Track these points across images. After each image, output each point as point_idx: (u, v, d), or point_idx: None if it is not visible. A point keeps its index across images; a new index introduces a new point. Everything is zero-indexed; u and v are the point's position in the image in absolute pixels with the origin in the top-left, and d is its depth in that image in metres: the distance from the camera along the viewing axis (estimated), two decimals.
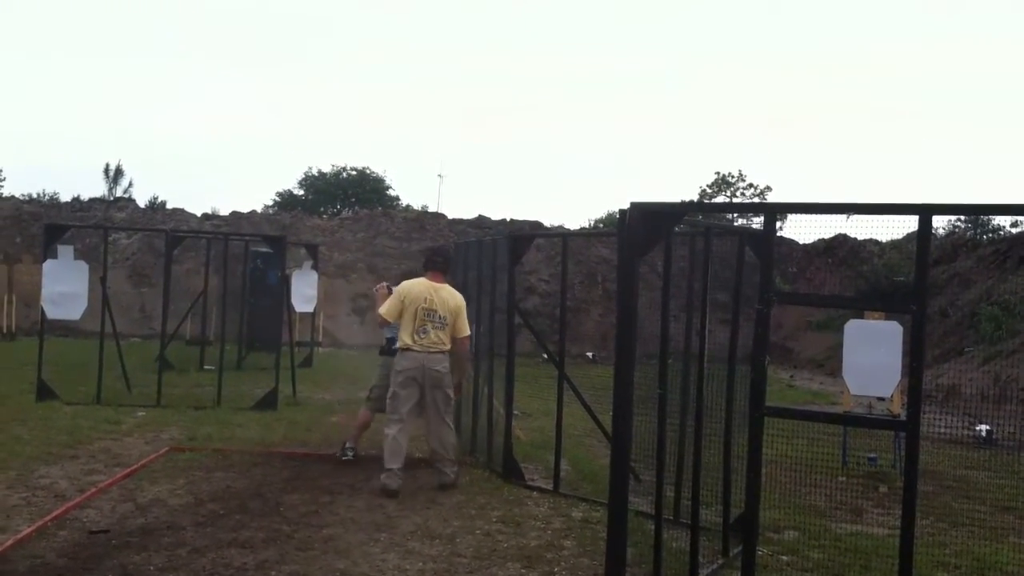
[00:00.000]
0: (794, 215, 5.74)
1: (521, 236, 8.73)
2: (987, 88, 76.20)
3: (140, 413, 11.28)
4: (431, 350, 8.12)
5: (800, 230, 6.91)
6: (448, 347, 8.23)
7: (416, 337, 8.09)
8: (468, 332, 8.45)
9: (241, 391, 12.86)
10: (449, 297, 8.28)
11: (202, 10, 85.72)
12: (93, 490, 7.49)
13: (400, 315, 8.16)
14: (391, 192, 50.19)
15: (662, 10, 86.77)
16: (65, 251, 11.84)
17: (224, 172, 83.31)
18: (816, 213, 5.38)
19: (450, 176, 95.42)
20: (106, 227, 14.35)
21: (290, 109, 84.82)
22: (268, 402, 12.04)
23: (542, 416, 12.08)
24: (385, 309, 8.27)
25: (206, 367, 15.58)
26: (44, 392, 11.73)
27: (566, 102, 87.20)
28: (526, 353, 11.24)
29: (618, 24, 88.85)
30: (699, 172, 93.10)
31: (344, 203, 48.48)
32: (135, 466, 8.40)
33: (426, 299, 8.15)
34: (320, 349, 19.83)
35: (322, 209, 44.37)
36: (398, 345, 8.21)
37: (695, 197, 51.14)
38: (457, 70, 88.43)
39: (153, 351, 15.84)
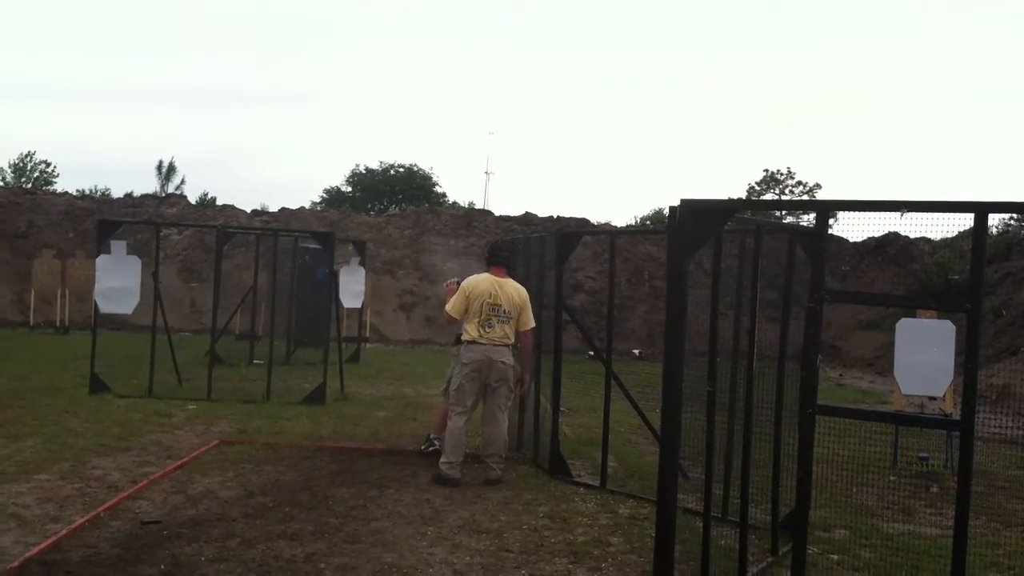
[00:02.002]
0: (844, 212, 5.69)
1: (569, 234, 8.72)
2: None
3: (191, 406, 11.42)
4: (496, 343, 8.21)
5: (850, 228, 6.84)
6: (512, 341, 8.33)
7: (482, 330, 8.18)
8: (533, 325, 8.54)
9: (290, 385, 12.96)
10: (513, 291, 8.37)
11: (252, 7, 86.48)
12: (145, 481, 7.59)
13: (466, 310, 8.23)
14: (438, 189, 50.41)
15: (702, 11, 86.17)
16: (118, 246, 11.99)
17: (273, 169, 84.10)
18: (869, 211, 5.32)
19: (497, 173, 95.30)
20: (157, 223, 14.56)
21: (339, 105, 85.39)
22: (317, 397, 12.13)
23: (588, 413, 12.06)
24: (451, 307, 8.37)
25: (255, 361, 15.74)
26: (97, 385, 11.91)
27: (614, 100, 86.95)
28: (572, 350, 11.22)
29: (666, 24, 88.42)
30: (748, 169, 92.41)
31: (391, 200, 48.72)
32: (186, 458, 8.50)
33: (491, 294, 8.24)
34: (367, 345, 19.94)
35: (369, 206, 44.64)
36: (464, 338, 8.29)
37: (743, 194, 50.90)
38: (505, 67, 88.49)
39: (203, 345, 16.01)
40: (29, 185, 43.47)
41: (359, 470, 8.51)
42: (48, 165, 53.25)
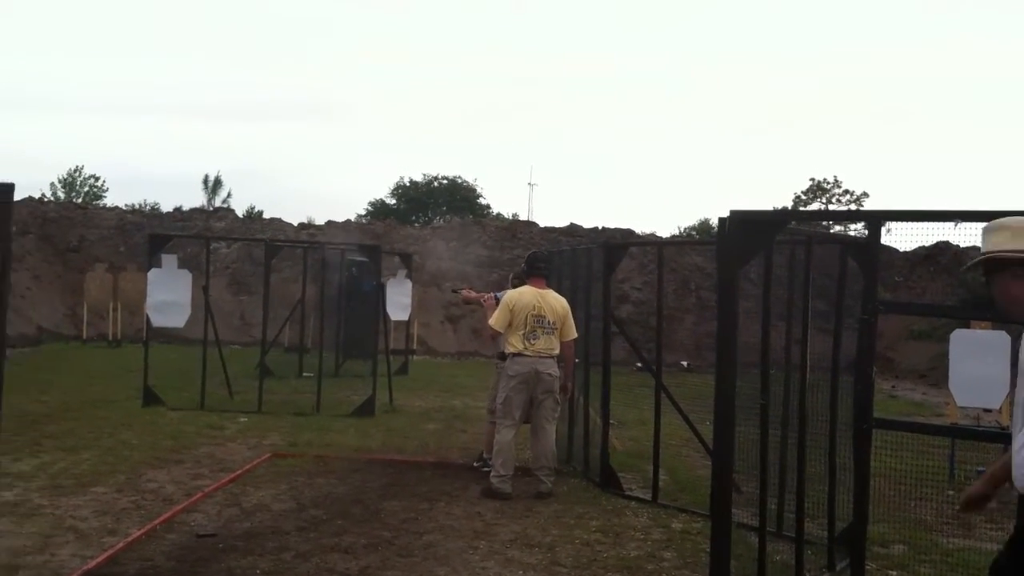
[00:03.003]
0: (894, 222, 5.63)
1: (616, 245, 8.71)
2: None
3: (242, 419, 11.52)
4: (542, 355, 8.23)
5: (901, 238, 6.69)
6: (557, 352, 8.32)
7: (527, 343, 8.19)
8: (575, 335, 8.55)
9: (339, 398, 13.03)
10: (555, 302, 8.38)
11: (298, 22, 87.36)
12: (199, 494, 7.66)
13: (510, 324, 8.24)
14: (482, 201, 50.55)
15: (741, 18, 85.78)
16: (169, 260, 12.15)
17: (318, 182, 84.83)
18: (922, 221, 5.27)
19: (541, 185, 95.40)
20: (207, 237, 14.73)
21: (383, 118, 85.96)
22: (366, 409, 12.19)
23: (637, 425, 12.00)
24: (495, 320, 8.38)
25: (304, 374, 15.84)
26: (150, 398, 12.05)
27: (655, 110, 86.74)
28: (619, 361, 11.16)
29: (708, 33, 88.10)
30: (793, 178, 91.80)
31: (435, 212, 48.95)
32: (239, 471, 8.57)
33: (534, 306, 8.25)
34: (414, 357, 20.00)
35: (414, 218, 44.86)
36: (508, 351, 8.30)
37: (789, 204, 50.51)
38: (548, 77, 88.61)
39: (252, 358, 16.16)
40: (79, 200, 44.15)
41: (409, 483, 8.53)
42: (97, 179, 54.04)
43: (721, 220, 4.71)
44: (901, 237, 6.95)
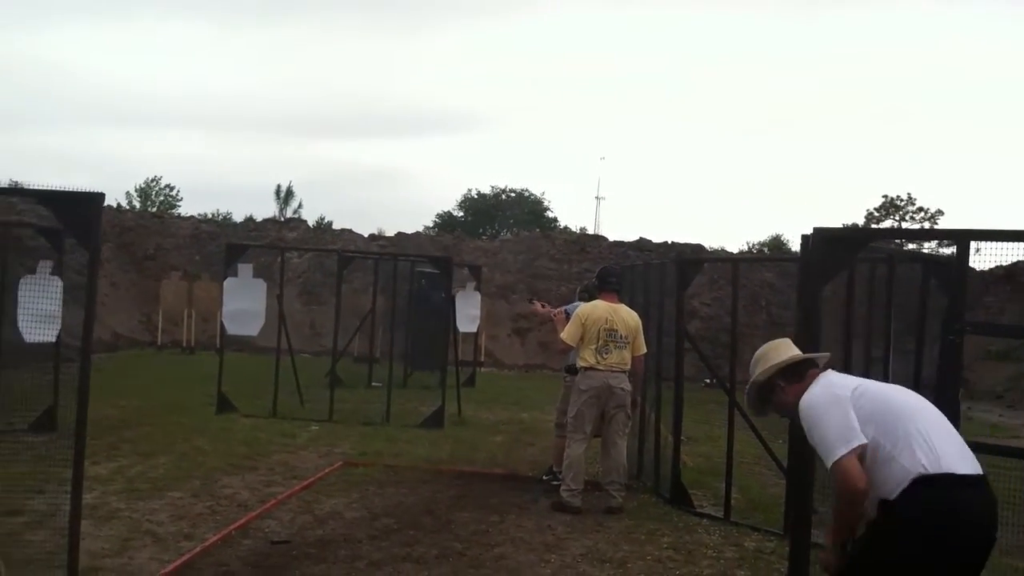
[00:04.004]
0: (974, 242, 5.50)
1: (690, 260, 8.67)
2: None
3: (313, 427, 11.64)
4: (614, 369, 8.20)
5: (978, 257, 6.58)
6: (629, 366, 8.28)
7: (599, 357, 8.16)
8: (645, 350, 8.53)
9: (407, 408, 13.07)
10: (628, 317, 8.36)
11: (363, 37, 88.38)
12: (273, 501, 7.75)
13: (582, 338, 8.23)
14: (549, 214, 50.56)
15: (809, 33, 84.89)
16: (245, 270, 12.33)
17: (386, 194, 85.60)
18: (1012, 240, 5.16)
19: (609, 198, 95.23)
20: (282, 247, 14.93)
21: (452, 131, 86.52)
22: (435, 420, 12.24)
23: (707, 442, 11.91)
24: (567, 334, 8.35)
25: (373, 384, 15.95)
26: (223, 404, 12.23)
27: (723, 124, 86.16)
28: (688, 377, 11.07)
29: (781, 46, 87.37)
30: (865, 195, 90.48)
31: (503, 225, 49.07)
32: (311, 479, 8.65)
33: (607, 320, 8.23)
34: (481, 369, 20.04)
35: (481, 230, 45.01)
36: (580, 365, 8.28)
37: (861, 221, 49.74)
38: (617, 92, 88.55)
39: (322, 367, 16.32)
40: (154, 209, 45.02)
41: (479, 495, 8.54)
42: (172, 189, 55.07)
43: (804, 237, 4.66)
44: (980, 256, 6.80)
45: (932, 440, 3.50)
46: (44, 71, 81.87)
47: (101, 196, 4.54)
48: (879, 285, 5.96)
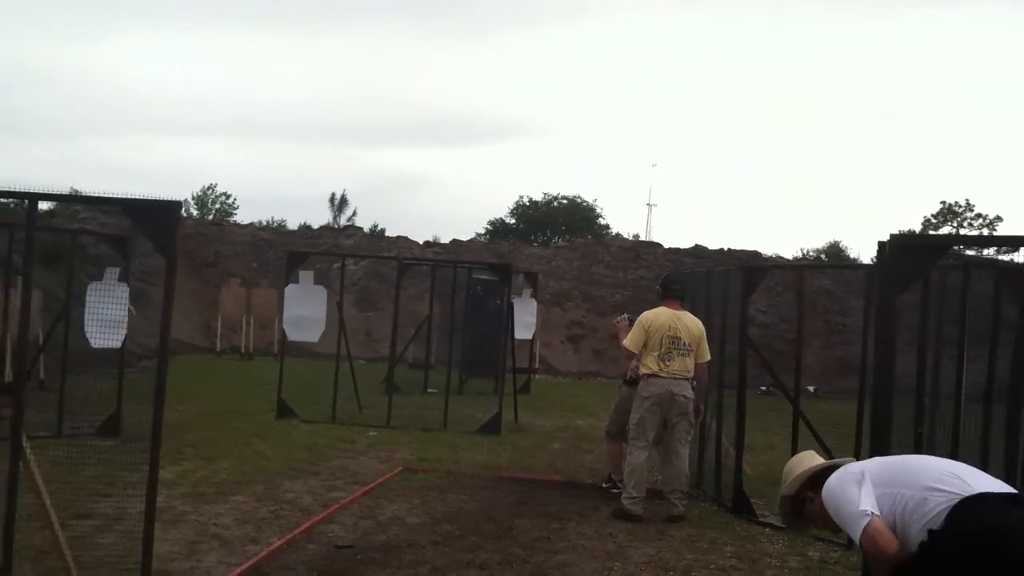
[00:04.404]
0: None
1: (756, 267, 8.61)
2: None
3: (372, 433, 11.71)
4: (677, 376, 8.16)
5: None
6: (692, 374, 8.23)
7: (662, 364, 8.13)
8: (708, 357, 8.49)
9: (464, 415, 13.09)
10: (692, 324, 8.32)
11: (409, 45, 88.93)
12: (335, 506, 7.80)
13: (644, 344, 8.19)
14: (601, 221, 50.35)
15: (855, 36, 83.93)
16: (306, 276, 12.45)
17: (438, 201, 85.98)
18: None
19: (660, 205, 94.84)
20: (342, 254, 15.02)
21: (501, 139, 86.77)
22: (492, 427, 12.25)
23: (765, 450, 11.78)
24: (630, 341, 8.33)
25: (429, 390, 16.01)
26: (283, 410, 12.34)
27: (776, 131, 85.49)
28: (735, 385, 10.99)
29: (829, 51, 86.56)
30: (923, 201, 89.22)
31: (555, 232, 48.96)
32: (372, 484, 8.70)
33: (670, 327, 8.19)
34: (535, 376, 20.03)
35: (532, 238, 44.94)
36: (642, 372, 8.25)
37: (918, 228, 49.04)
38: (669, 99, 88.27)
39: (378, 373, 16.42)
40: (211, 216, 45.53)
41: (539, 501, 8.53)
42: (228, 197, 55.65)
43: (881, 244, 4.60)
44: None
45: (963, 476, 3.50)
46: (102, 79, 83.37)
47: (179, 204, 4.62)
48: (952, 293, 5.87)
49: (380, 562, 6.39)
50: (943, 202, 50.22)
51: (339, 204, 53.73)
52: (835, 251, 36.11)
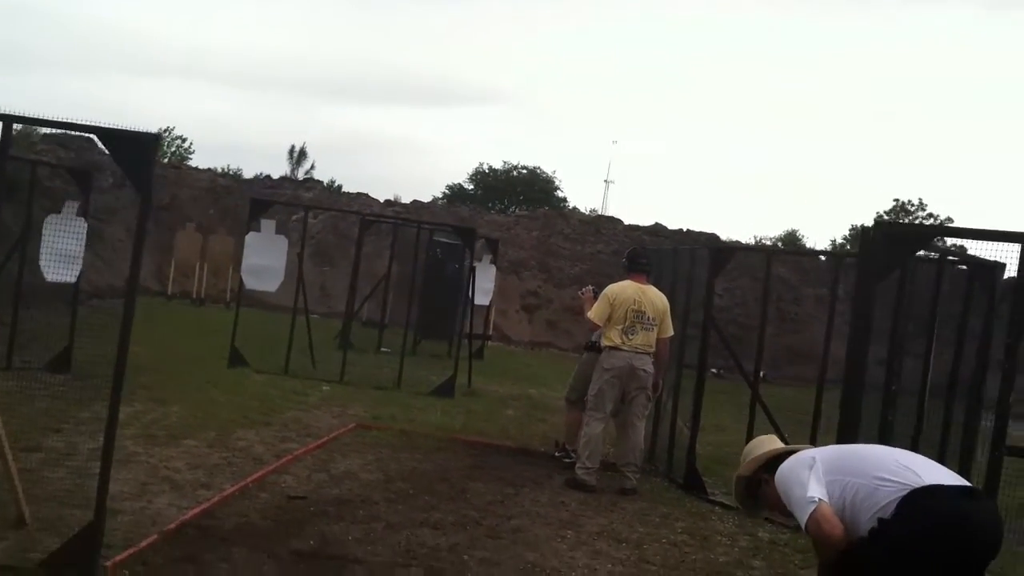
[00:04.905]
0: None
1: (724, 248, 8.63)
2: None
3: (325, 388, 11.63)
4: (639, 351, 8.17)
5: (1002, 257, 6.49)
6: (654, 349, 8.24)
7: (625, 337, 8.13)
8: (671, 333, 8.50)
9: (417, 376, 13.02)
10: (656, 298, 8.33)
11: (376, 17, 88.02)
12: (288, 457, 7.73)
13: (609, 317, 8.19)
14: (559, 193, 50.31)
15: (824, 31, 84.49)
16: (268, 225, 12.30)
17: (396, 161, 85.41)
18: None
19: (617, 182, 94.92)
20: (307, 206, 14.85)
21: (461, 104, 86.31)
22: (446, 389, 12.21)
23: (715, 431, 11.84)
24: (595, 313, 8.31)
25: (383, 349, 15.94)
26: (236, 359, 12.20)
27: (733, 118, 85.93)
28: (693, 366, 11.03)
29: (798, 44, 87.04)
30: (877, 196, 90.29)
31: (512, 201, 48.85)
32: (326, 438, 8.63)
33: (635, 300, 8.19)
34: (488, 343, 20.00)
35: (490, 205, 44.80)
36: (604, 344, 8.24)
37: (871, 223, 49.66)
38: (631, 78, 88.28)
39: (331, 328, 16.30)
40: (166, 160, 44.82)
41: (493, 466, 8.53)
42: (184, 141, 54.72)
43: (864, 230, 4.61)
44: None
45: (915, 467, 3.57)
46: (67, 13, 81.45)
47: (157, 137, 4.49)
48: (922, 285, 5.91)
49: (333, 515, 6.35)
50: (896, 199, 50.88)
51: (298, 156, 53.15)
52: (792, 240, 36.40)
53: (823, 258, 22.49)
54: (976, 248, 5.60)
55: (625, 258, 8.88)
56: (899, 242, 4.54)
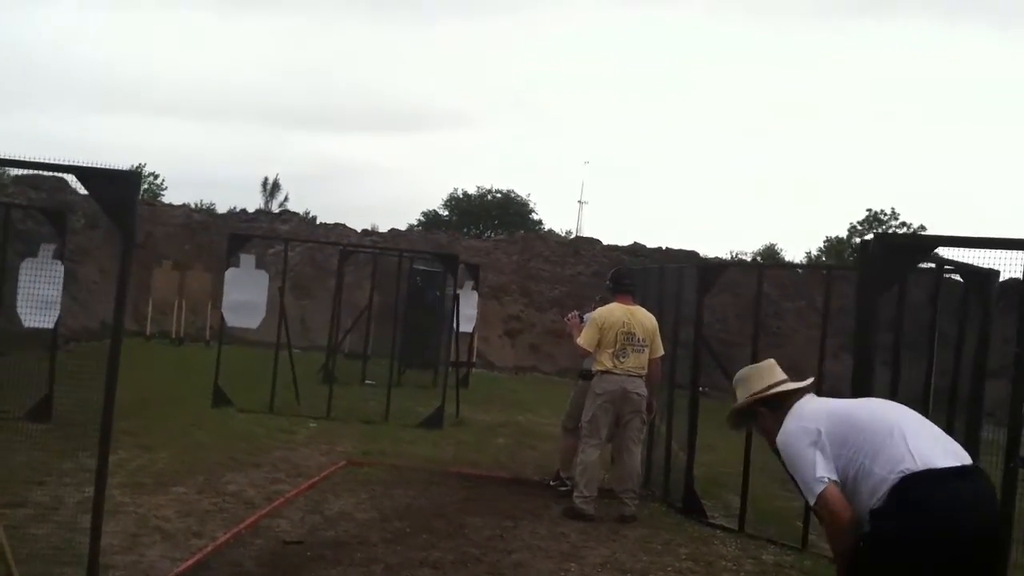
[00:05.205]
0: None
1: (712, 266, 8.55)
2: None
3: (312, 424, 11.44)
4: (631, 373, 8.06)
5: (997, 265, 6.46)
6: (647, 371, 8.13)
7: (617, 361, 8.01)
8: (663, 352, 8.43)
9: (405, 407, 12.83)
10: (645, 319, 8.24)
11: (343, 35, 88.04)
12: (280, 500, 7.56)
13: (599, 343, 8.06)
14: (535, 216, 50.36)
15: (794, 39, 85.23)
16: (247, 260, 12.12)
17: (371, 190, 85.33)
18: None
19: (591, 202, 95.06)
20: (286, 239, 14.70)
21: (434, 130, 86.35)
22: (434, 421, 12.04)
23: (706, 451, 11.68)
24: (584, 340, 8.17)
25: (367, 381, 15.75)
26: (219, 398, 11.99)
27: (707, 132, 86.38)
28: (683, 384, 10.93)
29: (754, 50, 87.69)
30: (849, 208, 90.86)
31: (487, 225, 48.84)
32: (316, 478, 8.47)
33: (624, 323, 8.09)
34: (472, 370, 19.82)
35: (465, 230, 44.74)
36: (596, 369, 8.12)
37: (844, 234, 49.84)
38: (600, 97, 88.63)
39: (313, 362, 16.07)
40: (141, 197, 44.42)
41: (489, 499, 8.39)
42: (156, 177, 54.37)
43: (864, 242, 4.52)
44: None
45: (909, 442, 3.52)
46: (34, 50, 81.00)
47: (139, 175, 4.36)
48: (916, 295, 5.84)
49: (331, 559, 6.20)
50: (869, 209, 51.23)
51: (271, 189, 53.01)
52: (771, 254, 36.50)
53: (824, 272, 22.46)
54: (967, 256, 5.55)
55: (609, 280, 8.77)
56: (900, 253, 4.45)
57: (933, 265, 5.51)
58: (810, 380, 4.15)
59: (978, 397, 5.96)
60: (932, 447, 3.54)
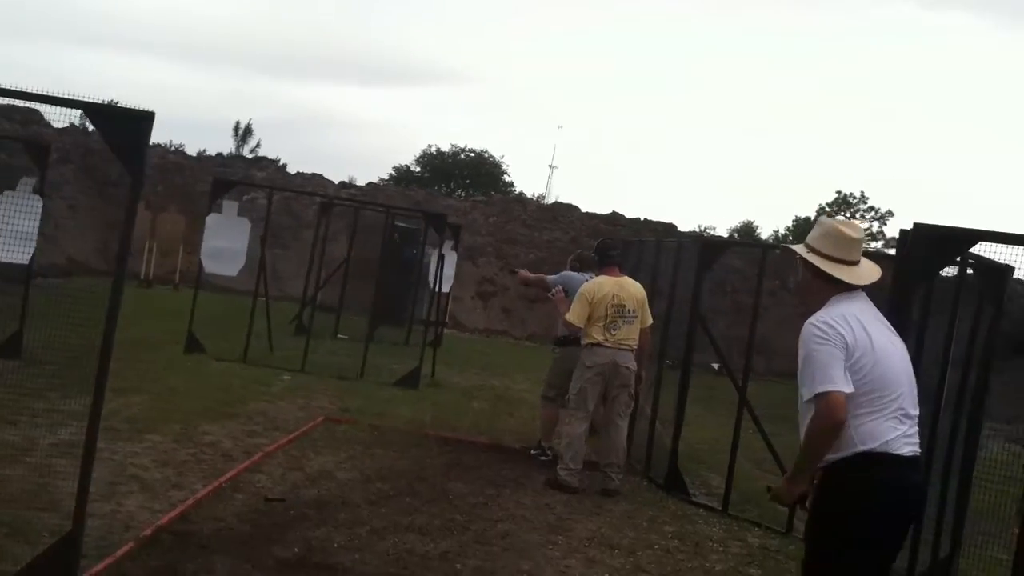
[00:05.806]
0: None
1: (714, 244, 8.42)
2: None
3: (286, 377, 11.24)
4: (622, 346, 7.89)
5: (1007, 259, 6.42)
6: (637, 343, 7.98)
7: (608, 333, 7.83)
8: (651, 321, 8.29)
9: (379, 364, 12.61)
10: (635, 290, 8.08)
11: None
12: (260, 454, 7.37)
13: (589, 316, 7.87)
14: (506, 178, 50.07)
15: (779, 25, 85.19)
16: (230, 207, 11.85)
17: (341, 141, 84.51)
18: None
19: (561, 167, 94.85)
20: (272, 187, 14.40)
21: (408, 85, 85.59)
22: (410, 381, 11.86)
23: (687, 425, 11.69)
24: (574, 315, 7.91)
25: (339, 336, 15.53)
26: (192, 344, 11.75)
27: (677, 109, 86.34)
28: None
29: (762, 35, 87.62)
30: (819, 189, 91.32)
31: (459, 184, 48.53)
32: (295, 433, 8.27)
33: (614, 296, 7.89)
34: (444, 331, 19.65)
35: (436, 187, 44.40)
36: (585, 341, 7.92)
37: (812, 214, 50.00)
38: (577, 63, 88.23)
39: (283, 312, 15.78)
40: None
41: (470, 464, 8.24)
42: None
43: (903, 232, 4.37)
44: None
45: (899, 416, 3.57)
46: None
47: (151, 115, 4.11)
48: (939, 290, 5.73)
49: (315, 519, 6.03)
50: (839, 192, 51.44)
51: (243, 134, 52.19)
52: (749, 231, 36.55)
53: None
54: (980, 250, 5.46)
55: (595, 252, 8.59)
56: (942, 244, 4.30)
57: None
58: (870, 282, 3.83)
59: (980, 394, 5.91)
60: (906, 431, 3.59)
